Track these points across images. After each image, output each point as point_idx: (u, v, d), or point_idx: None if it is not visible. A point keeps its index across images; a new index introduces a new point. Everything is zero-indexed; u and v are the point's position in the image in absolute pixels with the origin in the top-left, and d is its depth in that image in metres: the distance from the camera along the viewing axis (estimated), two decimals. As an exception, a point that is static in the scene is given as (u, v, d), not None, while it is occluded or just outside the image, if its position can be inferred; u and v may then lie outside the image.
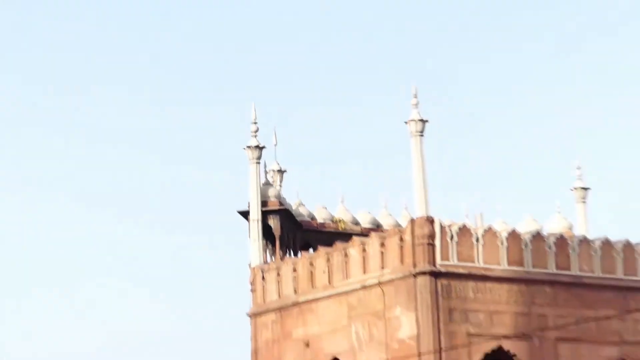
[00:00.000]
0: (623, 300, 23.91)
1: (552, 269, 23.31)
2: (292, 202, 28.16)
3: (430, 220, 21.37)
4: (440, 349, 20.70)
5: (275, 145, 27.73)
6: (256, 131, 26.50)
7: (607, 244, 24.62)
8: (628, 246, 25.15)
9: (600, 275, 24.13)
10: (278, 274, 25.70)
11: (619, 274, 24.43)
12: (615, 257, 24.70)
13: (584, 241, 24.63)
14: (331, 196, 30.37)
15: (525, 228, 25.62)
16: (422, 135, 22.04)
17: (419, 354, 20.77)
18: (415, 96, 22.12)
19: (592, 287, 23.96)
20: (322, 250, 25.17)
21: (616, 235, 25.82)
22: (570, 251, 23.88)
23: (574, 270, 23.73)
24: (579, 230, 29.42)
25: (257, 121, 26.67)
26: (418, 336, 20.92)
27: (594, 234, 27.00)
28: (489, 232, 22.64)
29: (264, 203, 26.47)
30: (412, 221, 21.71)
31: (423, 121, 21.82)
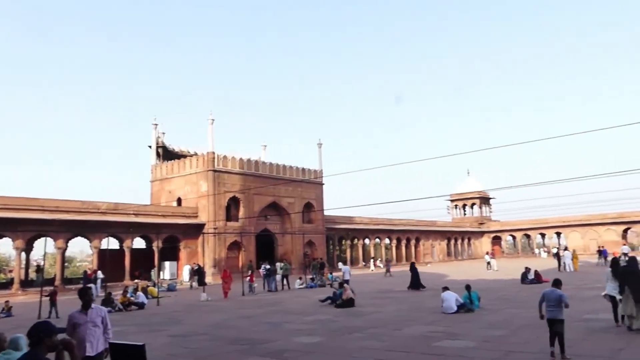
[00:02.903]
0: (278, 181, 38.93)
1: (253, 170, 38.28)
2: (168, 143, 40.84)
3: (213, 152, 35.70)
4: (215, 194, 35.27)
5: (157, 125, 39.65)
6: (155, 120, 39.24)
7: (270, 165, 39.80)
8: (284, 166, 40.53)
9: (267, 173, 39.32)
10: (161, 167, 38.98)
11: (274, 173, 39.74)
12: (276, 166, 40.13)
13: (266, 163, 39.78)
14: (182, 141, 44.39)
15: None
16: (212, 123, 35.89)
17: (207, 195, 35.16)
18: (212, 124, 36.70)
19: (266, 177, 38.82)
20: (177, 160, 38.69)
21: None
22: (260, 164, 39.31)
23: (260, 172, 38.77)
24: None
25: (156, 118, 39.34)
26: (208, 189, 35.45)
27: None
28: (232, 158, 37.17)
29: (157, 143, 39.68)
30: (208, 153, 35.89)
31: (212, 119, 35.94)
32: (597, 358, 7.52)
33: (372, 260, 47.75)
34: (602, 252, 36.95)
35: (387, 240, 52.83)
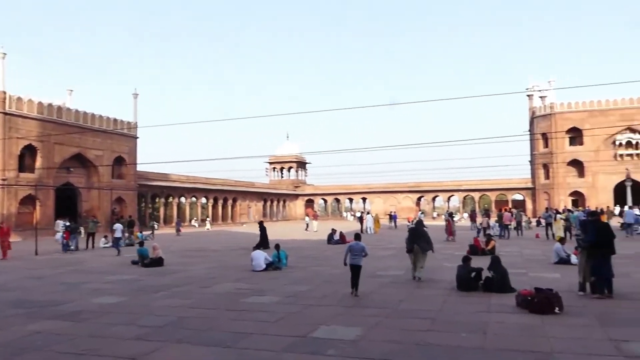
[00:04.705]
0: (85, 130, 36.40)
1: (55, 116, 34.52)
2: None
3: (4, 92, 31.19)
4: (4, 139, 30.78)
5: None
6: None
7: (77, 112, 36.41)
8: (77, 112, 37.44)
9: (73, 121, 35.92)
10: None
11: (81, 121, 36.49)
12: (83, 114, 36.90)
13: (72, 110, 36.05)
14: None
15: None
16: (4, 58, 31.55)
17: (-4, 142, 32.14)
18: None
19: (70, 125, 35.27)
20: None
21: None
22: (64, 110, 35.43)
23: (64, 119, 35.11)
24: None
25: None
26: (-5, 135, 31.86)
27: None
28: (29, 101, 32.97)
29: None
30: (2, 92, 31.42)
31: (4, 53, 31.69)
32: (382, 308, 8.48)
33: (207, 219, 48.01)
34: (392, 217, 41.86)
35: (203, 200, 52.34)
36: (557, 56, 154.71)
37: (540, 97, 57.49)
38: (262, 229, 22.46)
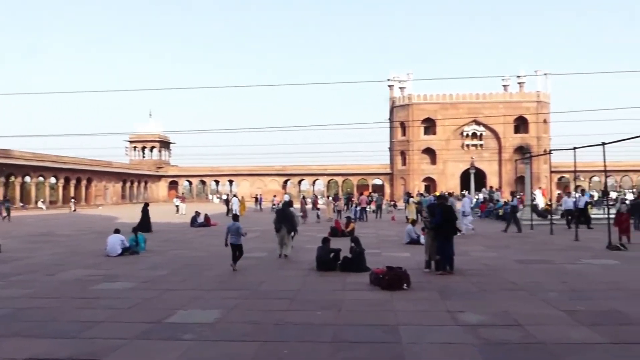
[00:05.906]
0: None
1: None
2: None
3: None
4: None
5: None
6: None
7: None
8: None
9: None
10: None
11: None
12: None
13: None
14: None
15: None
16: None
17: None
18: None
19: None
20: None
21: None
22: None
23: None
24: None
25: None
26: None
27: None
28: None
29: None
30: None
31: None
32: (242, 290, 8.53)
33: (72, 200, 42.73)
34: (258, 200, 42.66)
35: (53, 179, 47.88)
36: (419, 49, 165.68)
37: (400, 88, 61.25)
38: (145, 212, 21.41)
